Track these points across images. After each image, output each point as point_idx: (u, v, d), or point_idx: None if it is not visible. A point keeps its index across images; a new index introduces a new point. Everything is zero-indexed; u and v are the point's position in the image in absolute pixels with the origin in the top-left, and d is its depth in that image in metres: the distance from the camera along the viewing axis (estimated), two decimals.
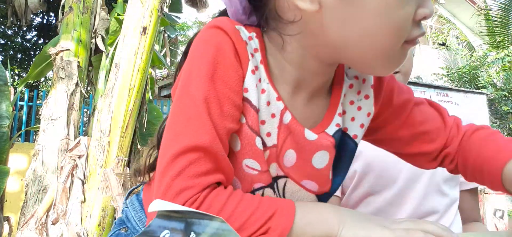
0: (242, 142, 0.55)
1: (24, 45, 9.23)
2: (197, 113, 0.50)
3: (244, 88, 0.54)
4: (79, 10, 2.71)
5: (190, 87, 0.51)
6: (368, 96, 0.64)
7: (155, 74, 4.36)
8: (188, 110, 0.50)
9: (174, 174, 0.47)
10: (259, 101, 0.55)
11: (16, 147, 4.48)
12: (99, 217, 1.98)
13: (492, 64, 9.55)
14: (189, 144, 0.48)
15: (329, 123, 0.61)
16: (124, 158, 2.09)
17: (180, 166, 0.47)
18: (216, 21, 0.55)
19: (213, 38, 0.53)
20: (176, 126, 0.50)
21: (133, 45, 2.11)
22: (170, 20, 3.66)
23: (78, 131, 2.57)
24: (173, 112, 0.52)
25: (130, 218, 0.73)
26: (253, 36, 0.56)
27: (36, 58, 3.12)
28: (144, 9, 2.13)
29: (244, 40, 0.54)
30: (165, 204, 0.36)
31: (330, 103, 0.62)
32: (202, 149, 0.48)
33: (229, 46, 0.53)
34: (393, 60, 0.52)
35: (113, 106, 2.08)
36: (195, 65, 0.53)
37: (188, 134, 0.49)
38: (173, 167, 0.47)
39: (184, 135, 0.49)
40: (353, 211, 0.54)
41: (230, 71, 0.52)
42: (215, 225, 0.35)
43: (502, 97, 8.86)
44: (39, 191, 2.28)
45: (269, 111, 0.56)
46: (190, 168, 0.47)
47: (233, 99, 0.52)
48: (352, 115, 0.63)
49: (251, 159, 0.57)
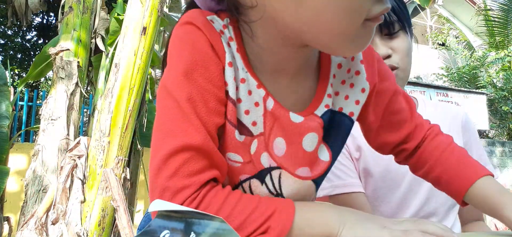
0: (225, 136, 0.55)
1: (24, 45, 9.23)
2: (183, 113, 0.49)
3: (225, 82, 0.53)
4: (79, 10, 2.70)
5: (172, 87, 0.51)
6: (359, 72, 0.62)
7: (155, 74, 4.36)
8: (173, 111, 0.50)
9: (169, 174, 0.47)
10: (238, 91, 0.54)
11: (16, 147, 4.48)
12: (99, 217, 1.98)
13: (492, 64, 9.55)
14: (180, 143, 0.47)
15: (318, 104, 0.60)
16: (124, 158, 2.09)
17: (174, 165, 0.47)
18: (187, 16, 0.54)
19: (187, 36, 0.52)
20: (163, 127, 0.50)
21: (133, 45, 2.11)
22: (170, 20, 3.66)
23: (78, 131, 2.57)
24: (159, 114, 0.51)
25: None
26: (227, 24, 0.55)
27: (36, 58, 3.12)
28: (144, 9, 2.13)
29: (218, 32, 0.53)
30: (165, 204, 0.36)
31: (319, 85, 0.61)
32: (194, 148, 0.48)
33: (204, 41, 0.52)
34: (355, 40, 0.49)
35: (113, 106, 2.08)
36: (173, 65, 0.52)
37: (178, 134, 0.48)
38: (167, 167, 0.47)
39: (173, 135, 0.48)
40: (353, 211, 0.54)
41: (209, 66, 0.51)
42: (215, 225, 0.35)
43: (502, 97, 8.86)
44: (39, 191, 2.28)
45: (252, 100, 0.56)
46: (185, 167, 0.47)
47: (217, 94, 0.52)
48: (346, 93, 0.63)
49: (232, 152, 0.56)
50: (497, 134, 9.57)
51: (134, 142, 2.44)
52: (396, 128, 0.69)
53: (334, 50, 0.53)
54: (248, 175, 0.59)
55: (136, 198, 3.72)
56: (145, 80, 2.26)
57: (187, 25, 0.53)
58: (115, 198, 1.96)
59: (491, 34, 10.37)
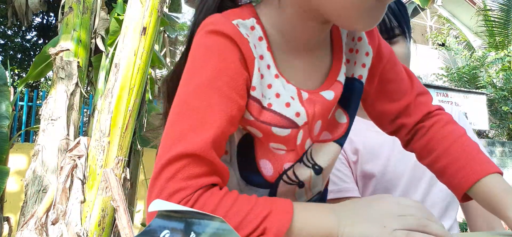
0: (262, 132, 0.58)
1: (24, 46, 9.23)
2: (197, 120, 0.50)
3: (252, 87, 0.55)
4: (79, 10, 2.70)
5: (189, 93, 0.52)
6: (361, 38, 0.66)
7: (155, 74, 4.36)
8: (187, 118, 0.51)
9: (168, 177, 0.48)
10: (273, 89, 0.57)
11: (16, 147, 4.48)
12: (99, 217, 1.98)
13: (492, 64, 9.55)
14: (182, 150, 0.49)
15: (337, 74, 0.63)
16: (124, 158, 2.09)
17: (174, 169, 0.48)
18: (213, 24, 0.54)
19: (215, 46, 0.53)
20: (174, 132, 0.51)
21: (133, 45, 2.11)
22: (169, 20, 3.66)
23: (78, 131, 2.57)
24: (173, 119, 0.52)
25: None
26: (254, 23, 0.57)
27: (36, 59, 3.12)
28: (144, 9, 2.14)
29: (245, 37, 0.55)
30: (165, 204, 0.36)
31: (334, 57, 0.64)
32: (195, 155, 0.49)
33: (233, 52, 0.53)
34: (370, 14, 0.52)
35: (113, 107, 2.08)
36: (196, 72, 0.53)
37: (184, 141, 0.49)
38: (167, 171, 0.49)
39: (181, 141, 0.49)
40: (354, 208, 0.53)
41: (235, 76, 0.53)
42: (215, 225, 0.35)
43: (501, 97, 8.86)
44: (39, 191, 2.28)
45: (288, 94, 0.58)
46: (184, 171, 0.49)
47: (239, 103, 0.53)
48: (354, 60, 0.66)
49: (274, 142, 0.59)
50: (497, 134, 9.57)
51: (134, 142, 2.44)
52: (394, 98, 0.70)
53: (351, 23, 0.55)
54: (292, 162, 0.62)
55: (136, 198, 3.73)
56: (145, 80, 2.26)
57: (215, 35, 0.54)
58: (115, 198, 1.96)
59: (491, 34, 10.37)
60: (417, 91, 0.71)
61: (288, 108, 0.57)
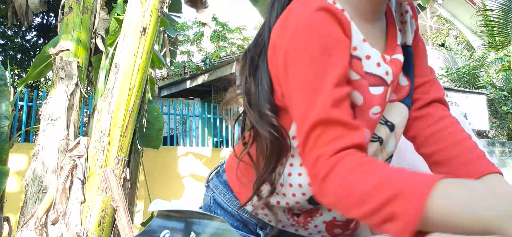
0: (364, 96, 0.61)
1: (24, 46, 9.23)
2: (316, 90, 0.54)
3: (353, 47, 0.60)
4: (79, 10, 2.70)
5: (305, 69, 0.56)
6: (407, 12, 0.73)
7: (155, 74, 4.36)
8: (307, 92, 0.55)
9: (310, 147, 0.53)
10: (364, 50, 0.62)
11: (15, 147, 4.47)
12: (99, 217, 1.98)
13: (492, 64, 9.56)
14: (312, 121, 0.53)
15: (395, 41, 0.69)
16: (124, 158, 2.09)
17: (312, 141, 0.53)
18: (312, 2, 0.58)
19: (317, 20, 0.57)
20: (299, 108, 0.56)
21: (133, 45, 2.11)
22: (169, 20, 3.66)
23: (77, 131, 2.57)
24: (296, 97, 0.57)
25: (220, 201, 0.74)
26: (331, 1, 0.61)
27: (36, 59, 3.12)
28: (144, 9, 2.14)
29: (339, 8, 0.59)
30: (164, 204, 0.36)
31: (389, 26, 0.70)
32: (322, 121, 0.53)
33: (336, 24, 0.58)
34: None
35: (112, 107, 2.08)
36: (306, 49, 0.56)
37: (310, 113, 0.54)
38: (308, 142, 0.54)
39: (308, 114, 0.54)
40: None
41: (341, 46, 0.57)
42: (214, 225, 0.35)
43: (501, 97, 8.86)
44: (39, 191, 2.28)
45: (376, 55, 0.63)
46: (319, 139, 0.53)
47: (346, 70, 0.57)
48: (404, 30, 0.73)
49: (375, 106, 0.63)
50: (497, 134, 9.57)
51: (134, 142, 2.44)
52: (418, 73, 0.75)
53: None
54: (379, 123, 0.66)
55: (136, 198, 3.73)
56: (145, 80, 2.26)
57: (319, 11, 0.57)
58: (115, 198, 1.96)
59: (491, 34, 10.38)
60: (434, 75, 0.78)
61: (379, 68, 0.62)
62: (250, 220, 0.74)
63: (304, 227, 0.72)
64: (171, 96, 8.99)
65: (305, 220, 0.71)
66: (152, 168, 5.23)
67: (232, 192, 0.74)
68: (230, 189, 0.75)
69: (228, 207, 0.73)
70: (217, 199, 0.74)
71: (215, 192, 0.75)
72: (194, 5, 3.74)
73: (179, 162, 5.87)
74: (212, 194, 0.76)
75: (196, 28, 10.99)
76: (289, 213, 0.71)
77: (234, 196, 0.73)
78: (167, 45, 4.65)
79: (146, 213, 5.10)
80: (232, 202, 0.73)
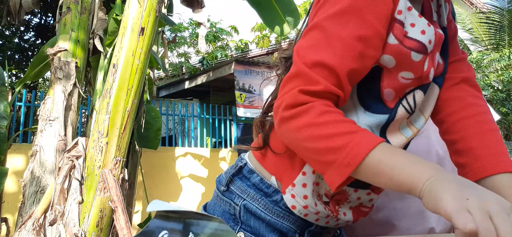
0: (397, 59, 0.62)
1: (22, 46, 9.21)
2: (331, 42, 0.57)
3: (398, 11, 0.61)
4: (77, 10, 2.70)
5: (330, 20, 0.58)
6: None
7: (153, 75, 4.35)
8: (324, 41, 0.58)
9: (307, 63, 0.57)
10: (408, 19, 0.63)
11: (14, 148, 4.47)
12: (97, 218, 1.98)
13: (489, 66, 9.58)
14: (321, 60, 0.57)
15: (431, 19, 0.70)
16: (122, 158, 2.09)
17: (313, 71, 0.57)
18: None
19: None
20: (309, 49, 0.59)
21: (131, 45, 2.11)
22: (167, 21, 3.66)
23: (76, 131, 2.56)
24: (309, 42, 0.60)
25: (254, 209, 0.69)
26: None
27: (34, 59, 3.11)
28: (142, 10, 2.13)
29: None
30: (163, 205, 0.36)
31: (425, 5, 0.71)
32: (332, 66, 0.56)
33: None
34: None
35: (111, 107, 2.07)
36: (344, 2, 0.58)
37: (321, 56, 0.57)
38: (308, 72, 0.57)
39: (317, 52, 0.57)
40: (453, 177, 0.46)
41: (380, 4, 0.59)
42: (213, 225, 0.35)
43: (500, 99, 8.88)
44: (37, 191, 2.27)
45: (422, 23, 0.64)
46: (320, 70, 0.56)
47: (380, 31, 0.59)
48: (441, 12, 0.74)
49: (406, 71, 0.64)
50: None
51: (132, 143, 2.44)
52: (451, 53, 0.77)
53: None
54: (412, 87, 0.67)
55: (134, 198, 3.72)
56: (143, 81, 2.26)
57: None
58: (113, 198, 1.95)
59: (489, 36, 10.40)
60: (466, 56, 0.79)
61: (423, 35, 0.63)
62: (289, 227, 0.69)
63: (336, 216, 0.70)
64: (170, 97, 8.99)
65: (334, 207, 0.70)
66: (150, 169, 5.23)
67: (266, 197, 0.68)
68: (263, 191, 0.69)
69: (266, 215, 0.67)
70: (249, 206, 0.68)
71: (246, 199, 0.69)
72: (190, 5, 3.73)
73: (178, 163, 5.87)
74: (243, 202, 0.69)
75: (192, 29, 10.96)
76: (320, 199, 0.69)
77: (270, 202, 0.68)
78: (166, 45, 4.65)
79: (144, 213, 5.10)
80: (270, 208, 0.68)
